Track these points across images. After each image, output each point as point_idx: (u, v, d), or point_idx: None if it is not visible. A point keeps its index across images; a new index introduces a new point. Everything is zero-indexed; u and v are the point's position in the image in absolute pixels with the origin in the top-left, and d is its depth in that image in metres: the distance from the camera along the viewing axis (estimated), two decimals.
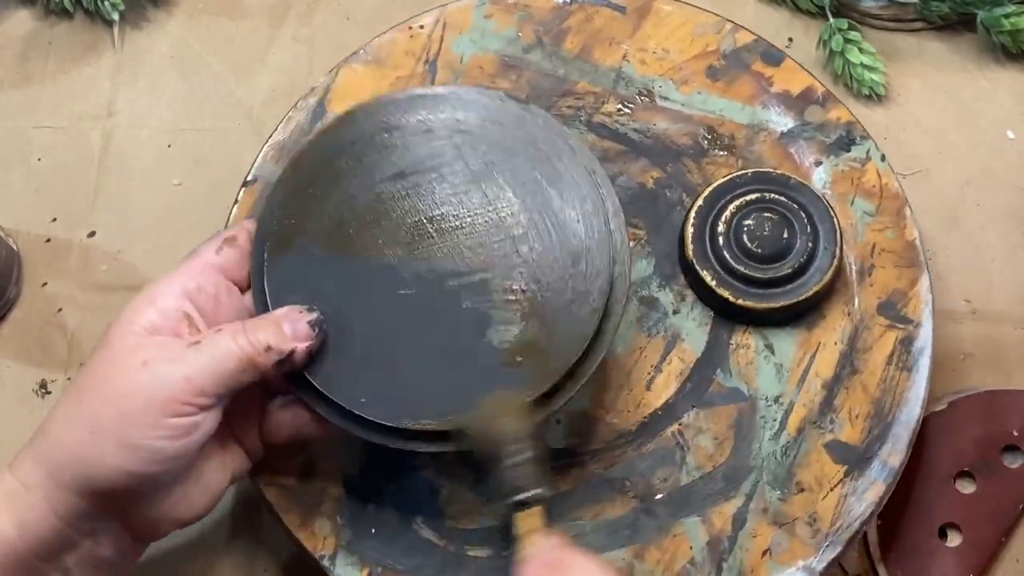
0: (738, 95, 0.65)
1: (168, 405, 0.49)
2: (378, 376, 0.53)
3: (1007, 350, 0.69)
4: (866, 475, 0.59)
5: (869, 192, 0.63)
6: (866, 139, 0.64)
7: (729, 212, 0.61)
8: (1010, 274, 0.70)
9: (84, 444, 0.49)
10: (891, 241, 0.62)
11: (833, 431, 0.59)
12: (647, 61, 0.66)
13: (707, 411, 0.60)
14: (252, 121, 0.74)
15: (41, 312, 0.70)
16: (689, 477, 0.59)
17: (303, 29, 0.76)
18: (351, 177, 0.55)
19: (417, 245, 0.54)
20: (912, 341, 0.61)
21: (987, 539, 0.65)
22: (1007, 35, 0.73)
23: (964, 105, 0.74)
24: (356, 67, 0.65)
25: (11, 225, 0.71)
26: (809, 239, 0.60)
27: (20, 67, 0.75)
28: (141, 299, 0.52)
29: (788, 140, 0.64)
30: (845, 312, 0.61)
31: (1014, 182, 0.72)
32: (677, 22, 0.66)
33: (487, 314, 0.53)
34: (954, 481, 0.66)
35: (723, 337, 0.61)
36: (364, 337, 0.53)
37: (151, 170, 0.73)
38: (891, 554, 0.64)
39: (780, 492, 0.59)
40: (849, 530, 0.58)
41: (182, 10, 0.77)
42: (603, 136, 0.65)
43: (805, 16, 0.76)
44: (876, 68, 0.73)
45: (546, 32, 0.66)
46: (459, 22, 0.66)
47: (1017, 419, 0.66)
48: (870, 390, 0.60)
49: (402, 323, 0.53)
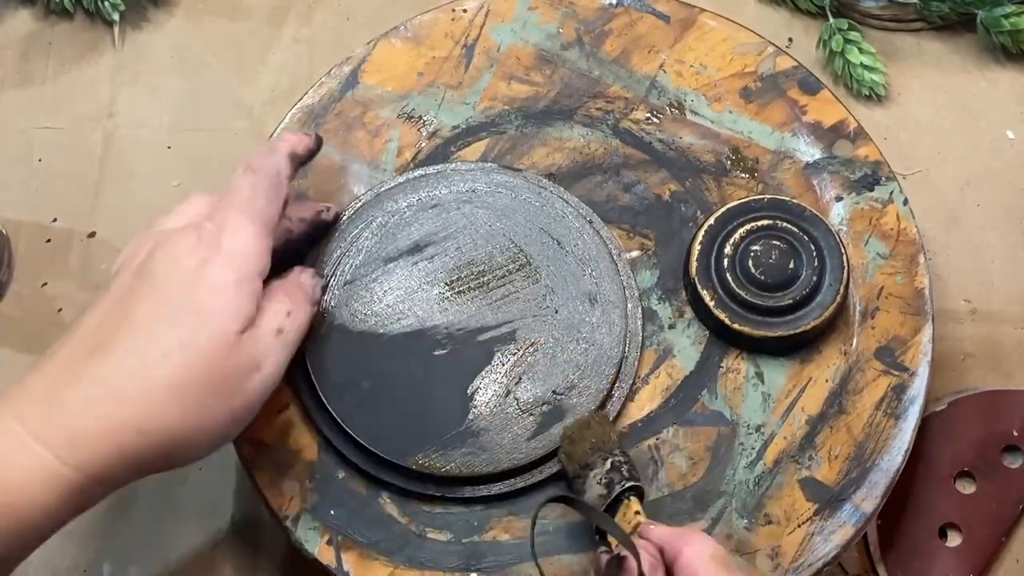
0: (769, 119, 0.64)
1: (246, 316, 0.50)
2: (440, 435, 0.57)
3: (1007, 350, 0.69)
4: (836, 516, 0.57)
5: (886, 234, 0.62)
6: (891, 180, 0.63)
7: (739, 235, 0.60)
8: (1010, 274, 0.70)
9: (187, 434, 0.49)
10: (900, 287, 0.61)
11: (810, 468, 0.58)
12: (683, 73, 0.65)
13: (687, 430, 0.59)
14: (252, 121, 0.74)
15: (41, 312, 0.70)
16: (658, 493, 0.58)
17: (303, 29, 0.77)
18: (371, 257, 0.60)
19: (444, 306, 0.58)
20: (905, 389, 0.59)
21: (987, 539, 0.65)
22: (1007, 35, 0.73)
23: (964, 105, 0.74)
24: (394, 42, 0.66)
25: (11, 226, 0.71)
26: (815, 272, 0.59)
27: (21, 67, 0.76)
28: (238, 280, 0.50)
29: (812, 171, 0.63)
30: (841, 351, 0.60)
31: (1014, 182, 0.72)
32: (719, 38, 0.66)
33: (520, 360, 0.58)
34: (954, 481, 0.66)
35: (715, 358, 0.60)
36: (409, 400, 0.57)
37: (151, 170, 0.73)
38: (891, 554, 0.64)
39: (747, 521, 0.57)
40: (810, 568, 0.56)
41: (182, 10, 0.77)
42: (627, 143, 0.64)
43: (805, 16, 0.76)
44: (876, 68, 0.73)
45: (587, 31, 0.66)
46: (503, 10, 0.67)
47: (1017, 419, 0.66)
48: (854, 432, 0.59)
49: (441, 380, 0.57)
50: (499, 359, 0.57)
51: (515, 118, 0.65)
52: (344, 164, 0.63)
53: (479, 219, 0.60)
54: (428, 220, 0.60)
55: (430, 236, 0.60)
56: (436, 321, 0.58)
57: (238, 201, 0.52)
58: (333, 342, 0.57)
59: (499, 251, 0.59)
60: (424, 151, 0.64)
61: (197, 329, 0.48)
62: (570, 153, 0.64)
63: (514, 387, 0.57)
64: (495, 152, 0.64)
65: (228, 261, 0.50)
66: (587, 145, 0.64)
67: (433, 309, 0.58)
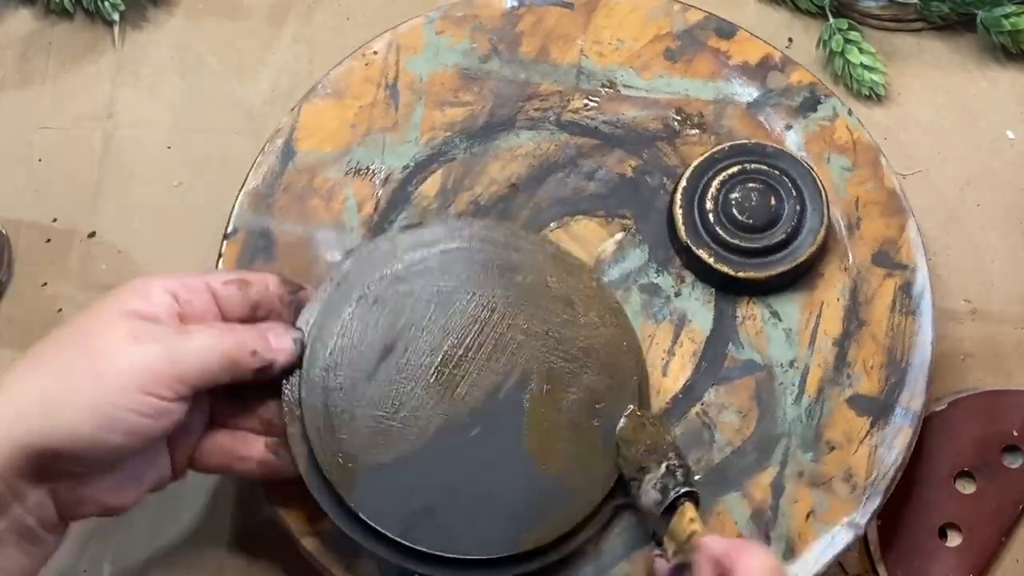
0: (699, 73, 0.66)
1: (148, 382, 0.48)
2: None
3: (1007, 350, 0.69)
4: (891, 423, 0.59)
5: (843, 148, 0.64)
6: (830, 97, 0.65)
7: (714, 188, 0.61)
8: (1010, 274, 0.70)
9: (51, 395, 0.48)
10: (873, 192, 0.63)
11: (852, 386, 0.60)
12: (604, 53, 0.66)
13: (726, 386, 0.60)
14: (252, 121, 0.74)
15: (41, 312, 0.70)
16: (721, 454, 0.59)
17: (303, 29, 0.76)
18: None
19: (450, 390, 0.55)
20: (911, 286, 0.62)
21: (987, 539, 0.65)
22: (1007, 35, 0.73)
23: (964, 105, 0.74)
24: (317, 102, 0.65)
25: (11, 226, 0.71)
26: (796, 202, 0.61)
27: (21, 67, 0.75)
28: (135, 287, 0.52)
29: (756, 109, 0.65)
30: (842, 267, 0.62)
31: (1014, 182, 0.72)
32: (626, 10, 0.67)
33: (548, 390, 0.56)
34: (954, 481, 0.66)
35: (728, 312, 0.62)
36: (463, 488, 0.55)
37: (151, 170, 0.73)
38: (891, 554, 0.64)
39: (812, 454, 0.59)
40: (885, 479, 0.59)
41: (182, 10, 0.77)
42: (574, 133, 0.65)
43: (805, 16, 0.76)
44: (876, 68, 0.73)
45: (500, 39, 0.66)
46: (412, 43, 0.66)
47: (1017, 419, 0.66)
48: (880, 340, 0.61)
49: (491, 454, 0.55)
50: (528, 403, 0.56)
51: (460, 141, 0.65)
52: (309, 235, 0.63)
53: (424, 294, 0.57)
54: (377, 320, 0.56)
55: (392, 335, 0.56)
56: (447, 408, 0.55)
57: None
58: (376, 483, 0.54)
59: (458, 314, 0.57)
60: (383, 199, 0.63)
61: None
62: (524, 159, 0.64)
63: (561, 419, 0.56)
64: (452, 179, 0.64)
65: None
66: (538, 147, 0.64)
67: (436, 400, 0.55)
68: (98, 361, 0.48)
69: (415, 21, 0.66)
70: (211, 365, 0.50)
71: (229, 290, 0.54)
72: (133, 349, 0.49)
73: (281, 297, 0.55)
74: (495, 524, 0.54)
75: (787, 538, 0.58)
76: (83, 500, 0.51)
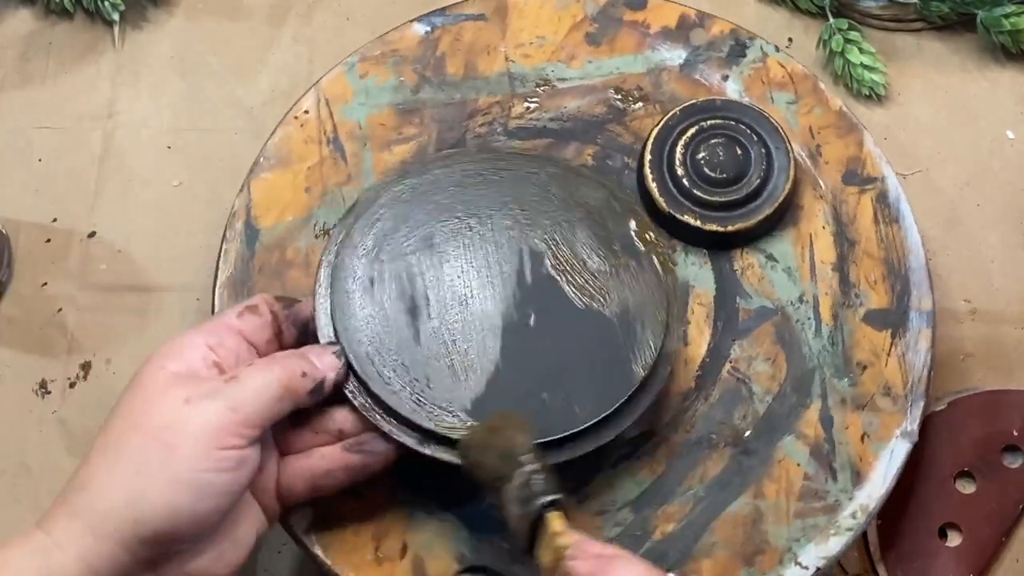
0: (625, 49, 0.67)
1: (217, 437, 0.48)
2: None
3: (1007, 350, 0.69)
4: (911, 328, 0.61)
5: (781, 83, 0.66)
6: (754, 39, 0.66)
7: (679, 154, 0.62)
8: (1010, 274, 0.70)
9: (130, 485, 0.47)
10: (822, 118, 0.65)
11: (863, 304, 0.62)
12: (530, 53, 0.66)
13: (748, 338, 0.61)
14: (252, 121, 0.74)
15: (41, 312, 0.70)
16: (763, 405, 0.60)
17: (303, 29, 0.76)
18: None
19: (486, 307, 0.56)
20: (886, 195, 0.63)
21: (987, 539, 0.65)
22: (1007, 35, 0.73)
23: (964, 105, 0.74)
24: (265, 176, 0.63)
25: (11, 225, 0.71)
26: (760, 145, 0.62)
27: (21, 67, 0.75)
28: (166, 351, 0.51)
29: (689, 69, 0.66)
30: (817, 196, 0.64)
31: (1014, 182, 0.72)
32: (536, 7, 0.67)
33: (560, 252, 0.57)
34: (954, 481, 0.66)
35: (727, 267, 0.62)
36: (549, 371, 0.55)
37: (151, 170, 0.73)
38: (891, 554, 0.64)
39: (847, 379, 0.60)
40: (922, 383, 0.60)
41: (182, 10, 0.77)
42: (525, 138, 0.65)
43: (805, 16, 0.76)
44: (876, 68, 0.73)
45: (425, 67, 0.66)
46: (339, 92, 0.65)
47: (1017, 419, 0.66)
48: (874, 254, 0.62)
49: (557, 326, 0.56)
50: (554, 269, 0.57)
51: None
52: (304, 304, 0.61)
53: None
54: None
55: (406, 298, 0.56)
56: (496, 319, 0.56)
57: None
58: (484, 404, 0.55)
59: (449, 243, 0.57)
60: None
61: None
62: None
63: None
64: None
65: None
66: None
67: (481, 319, 0.56)
68: (164, 436, 0.48)
69: (335, 71, 0.65)
70: (270, 399, 0.50)
71: (246, 320, 0.54)
72: (192, 412, 0.49)
73: (277, 314, 0.55)
74: (596, 384, 0.55)
75: (850, 466, 0.59)
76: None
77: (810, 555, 0.57)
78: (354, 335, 0.55)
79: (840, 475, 0.59)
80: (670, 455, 0.59)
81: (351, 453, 0.54)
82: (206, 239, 0.70)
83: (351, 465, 0.54)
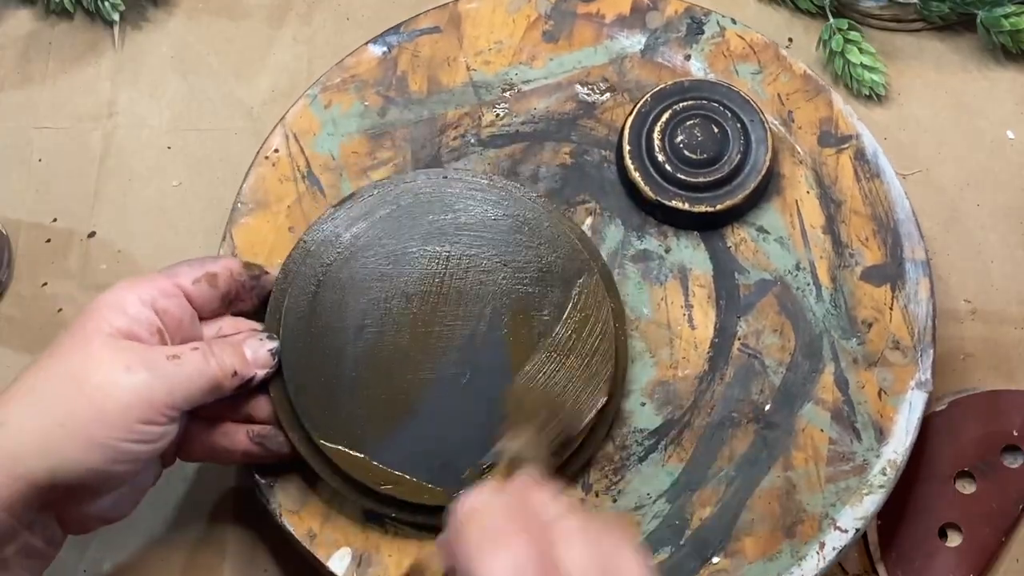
0: (583, 42, 0.67)
1: (146, 411, 0.50)
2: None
3: (1007, 350, 0.69)
4: (908, 280, 0.62)
5: (743, 55, 0.66)
6: (709, 14, 0.67)
7: (657, 140, 0.62)
8: (1010, 274, 0.70)
9: (49, 434, 0.49)
10: (788, 83, 0.66)
11: (858, 263, 0.63)
12: (490, 60, 0.66)
13: (752, 313, 0.62)
14: (252, 121, 0.74)
15: (41, 312, 0.70)
16: (778, 376, 0.61)
17: (303, 29, 0.76)
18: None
19: (429, 349, 0.57)
20: (863, 152, 0.64)
21: (987, 539, 0.65)
22: (1007, 35, 0.73)
23: (964, 105, 0.74)
24: (245, 221, 0.63)
25: (11, 225, 0.71)
26: (735, 120, 0.63)
27: (20, 67, 0.75)
28: (113, 301, 0.52)
29: (651, 53, 0.67)
30: (797, 162, 0.64)
31: (1014, 182, 0.72)
32: (488, 12, 0.67)
33: (521, 320, 0.58)
34: (954, 481, 0.66)
35: (720, 245, 0.63)
36: (466, 432, 0.57)
37: (151, 170, 0.73)
38: (891, 554, 0.64)
39: (855, 339, 0.61)
40: (927, 332, 0.61)
41: (182, 10, 0.77)
42: (500, 145, 0.65)
43: (805, 16, 0.76)
44: (876, 68, 0.73)
45: (388, 88, 0.66)
46: (306, 126, 0.65)
47: (1017, 419, 0.66)
48: (861, 211, 0.63)
49: (486, 393, 0.57)
50: (507, 338, 0.58)
51: None
52: None
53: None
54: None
55: (357, 314, 0.58)
56: (433, 366, 0.57)
57: None
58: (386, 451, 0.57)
59: (415, 273, 0.58)
60: None
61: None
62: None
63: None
64: None
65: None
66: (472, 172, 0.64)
67: (419, 361, 0.57)
68: (96, 397, 0.50)
69: (299, 105, 0.65)
70: (199, 390, 0.53)
71: (200, 288, 0.55)
72: (129, 380, 0.50)
73: (244, 283, 0.57)
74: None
75: (872, 424, 0.60)
76: (87, 518, 0.53)
77: (847, 517, 0.58)
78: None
79: (864, 435, 0.60)
80: (695, 440, 0.60)
81: (252, 442, 0.56)
82: (206, 239, 0.70)
83: (249, 452, 0.57)
